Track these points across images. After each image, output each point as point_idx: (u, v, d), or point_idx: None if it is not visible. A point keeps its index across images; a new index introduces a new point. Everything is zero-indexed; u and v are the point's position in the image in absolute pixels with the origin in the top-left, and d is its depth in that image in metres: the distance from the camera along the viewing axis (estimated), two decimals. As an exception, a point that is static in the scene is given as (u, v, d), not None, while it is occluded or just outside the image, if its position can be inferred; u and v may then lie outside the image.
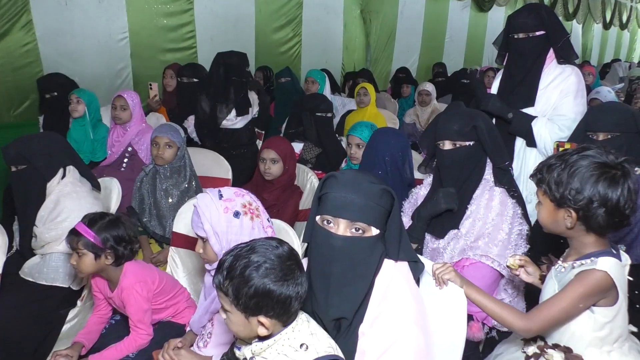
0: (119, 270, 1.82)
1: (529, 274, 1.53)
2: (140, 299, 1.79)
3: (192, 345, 1.69)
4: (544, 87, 2.32)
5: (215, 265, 1.55)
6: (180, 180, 2.49)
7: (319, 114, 3.33)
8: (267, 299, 1.08)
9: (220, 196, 1.54)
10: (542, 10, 2.33)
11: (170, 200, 2.45)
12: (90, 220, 1.77)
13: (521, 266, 1.53)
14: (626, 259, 1.31)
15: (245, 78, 3.54)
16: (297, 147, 3.20)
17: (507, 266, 1.56)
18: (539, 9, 2.36)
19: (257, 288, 1.07)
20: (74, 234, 1.75)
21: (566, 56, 2.31)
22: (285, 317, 1.12)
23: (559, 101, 2.27)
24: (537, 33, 2.29)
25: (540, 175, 1.32)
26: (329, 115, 3.44)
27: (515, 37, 2.34)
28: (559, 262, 1.37)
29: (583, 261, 1.27)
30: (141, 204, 2.52)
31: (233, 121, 3.48)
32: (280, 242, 1.17)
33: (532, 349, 1.38)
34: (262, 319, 1.10)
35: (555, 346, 1.33)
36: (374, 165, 2.21)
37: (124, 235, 1.80)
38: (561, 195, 1.25)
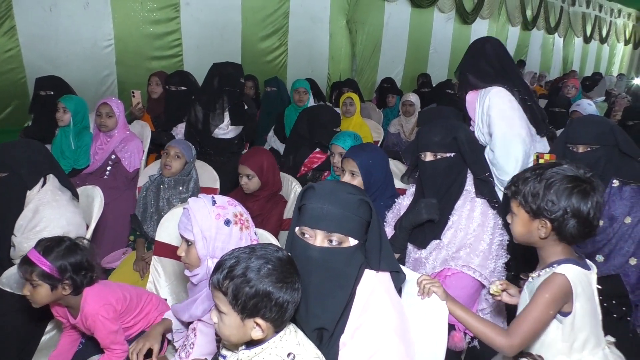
0: (79, 297, 1.68)
1: (511, 296, 1.54)
2: (107, 322, 1.67)
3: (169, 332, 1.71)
4: (479, 112, 2.36)
5: (195, 272, 1.55)
6: (182, 190, 2.63)
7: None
8: (267, 300, 1.09)
9: (214, 202, 1.54)
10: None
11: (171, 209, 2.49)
12: (45, 248, 1.61)
13: (503, 290, 1.54)
14: (594, 268, 1.37)
15: (239, 88, 3.55)
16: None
17: (491, 294, 1.56)
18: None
19: (258, 288, 1.08)
20: (27, 263, 1.59)
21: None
22: (280, 321, 1.13)
23: (489, 123, 2.29)
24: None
25: (515, 187, 1.36)
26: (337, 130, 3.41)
27: None
28: (530, 275, 1.42)
29: (547, 269, 1.33)
30: (144, 213, 2.63)
31: (225, 130, 3.49)
32: (279, 247, 1.19)
33: None
34: (259, 320, 1.10)
35: (528, 355, 1.36)
36: (379, 192, 2.19)
37: (83, 262, 1.65)
38: (538, 207, 1.30)
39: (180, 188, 2.63)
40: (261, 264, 1.11)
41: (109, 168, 3.02)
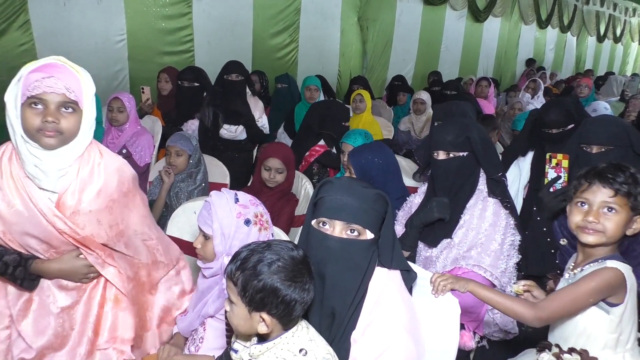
0: None
1: (535, 298, 1.51)
2: None
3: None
4: None
5: (208, 265, 1.56)
6: (190, 183, 2.65)
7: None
8: (273, 297, 1.09)
9: (237, 200, 1.54)
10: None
11: (180, 203, 2.52)
12: None
13: (527, 291, 1.51)
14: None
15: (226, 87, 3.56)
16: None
17: (515, 293, 1.52)
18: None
19: (265, 283, 1.09)
20: None
21: None
22: (286, 319, 1.13)
23: None
24: None
25: (627, 186, 1.35)
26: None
27: None
28: (570, 270, 1.43)
29: (593, 264, 1.35)
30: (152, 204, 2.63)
31: (233, 133, 3.51)
32: (296, 246, 1.19)
33: (547, 357, 1.39)
34: (265, 315, 1.11)
35: (572, 350, 1.35)
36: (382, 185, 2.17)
37: None
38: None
39: (188, 180, 2.65)
40: (273, 260, 1.11)
41: (120, 162, 3.04)
